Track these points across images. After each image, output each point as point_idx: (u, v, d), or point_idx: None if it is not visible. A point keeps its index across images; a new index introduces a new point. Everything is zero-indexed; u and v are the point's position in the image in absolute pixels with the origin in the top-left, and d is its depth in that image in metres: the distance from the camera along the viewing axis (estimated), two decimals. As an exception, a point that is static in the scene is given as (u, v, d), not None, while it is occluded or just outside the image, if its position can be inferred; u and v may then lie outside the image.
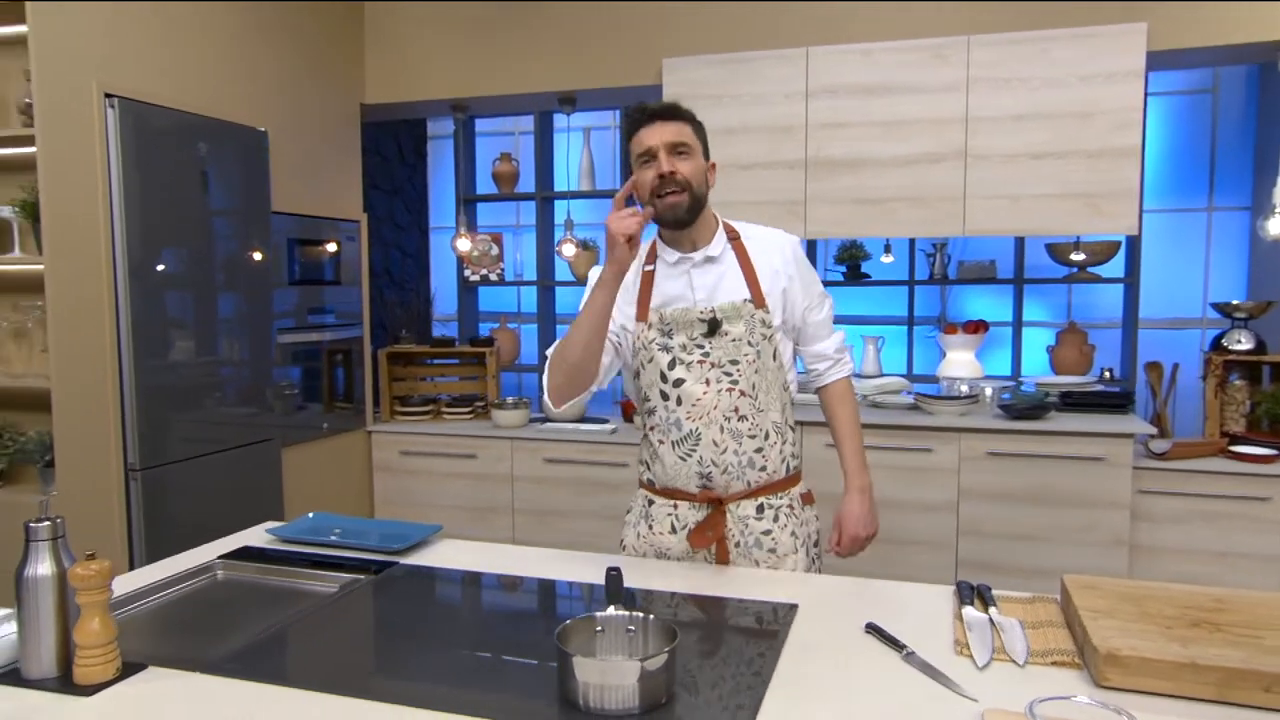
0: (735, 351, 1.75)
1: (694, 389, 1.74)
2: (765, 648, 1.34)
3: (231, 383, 3.35)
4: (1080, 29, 3.24)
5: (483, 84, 4.07)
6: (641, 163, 1.74)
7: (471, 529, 4.06)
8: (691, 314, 1.76)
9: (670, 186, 1.71)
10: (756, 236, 1.86)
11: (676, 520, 1.81)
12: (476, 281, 5.02)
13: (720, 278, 1.80)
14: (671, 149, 1.72)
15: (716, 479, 1.76)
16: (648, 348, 1.78)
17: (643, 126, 1.75)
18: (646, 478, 1.87)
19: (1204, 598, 1.40)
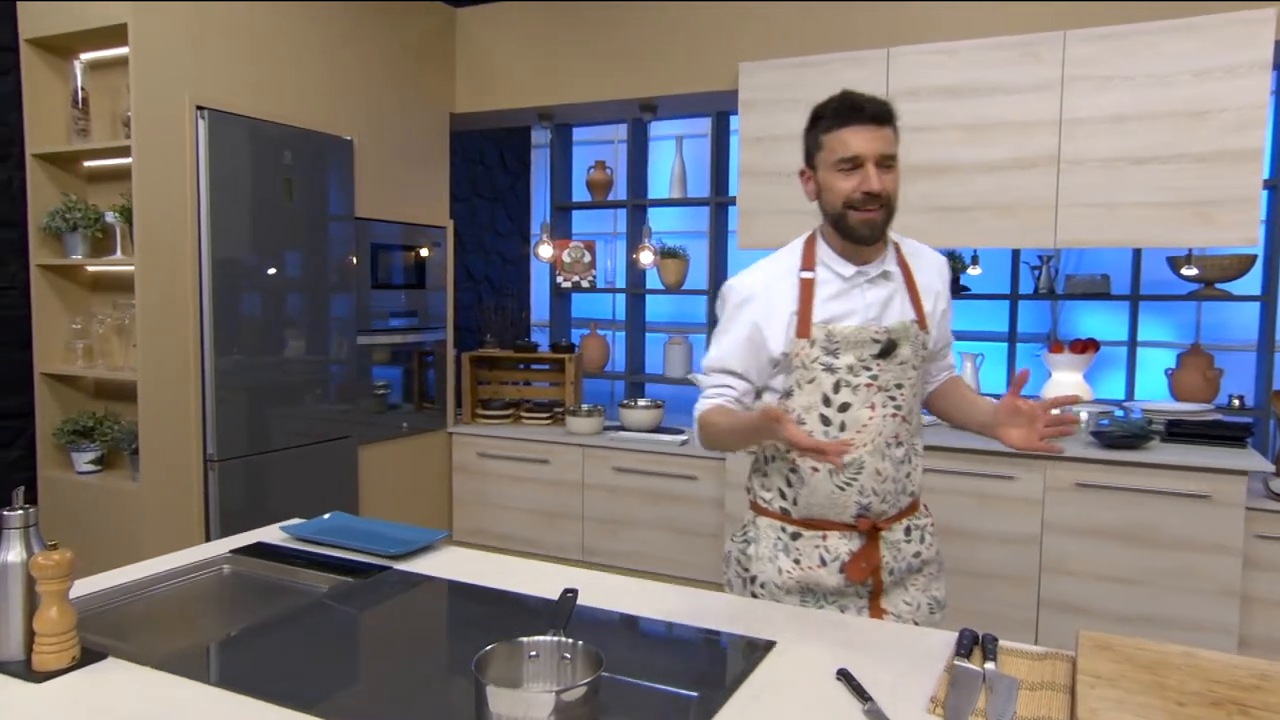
0: (901, 375, 1.63)
1: (860, 414, 1.61)
2: (720, 686, 1.25)
3: (309, 381, 3.49)
4: (1195, 18, 2.93)
5: (566, 92, 4.09)
6: (842, 168, 1.58)
7: (542, 534, 4.08)
8: (865, 333, 1.61)
9: (873, 203, 1.57)
10: (916, 253, 1.74)
11: (826, 552, 1.66)
12: (568, 288, 5.05)
13: (891, 295, 1.66)
14: (881, 161, 1.57)
15: (875, 508, 1.64)
16: (808, 367, 1.62)
17: (850, 126, 1.58)
18: (779, 506, 1.71)
19: (1243, 672, 1.20)
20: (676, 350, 4.77)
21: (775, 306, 1.64)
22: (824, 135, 1.61)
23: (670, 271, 4.69)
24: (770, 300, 1.65)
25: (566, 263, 5.04)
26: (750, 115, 3.60)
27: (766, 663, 1.34)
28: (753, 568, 1.73)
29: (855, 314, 1.63)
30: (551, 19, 4.07)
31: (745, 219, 3.67)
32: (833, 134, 1.59)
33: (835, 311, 1.63)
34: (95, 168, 3.23)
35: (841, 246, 1.65)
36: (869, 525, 1.64)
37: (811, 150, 1.66)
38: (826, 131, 1.61)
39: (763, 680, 1.28)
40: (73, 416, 3.20)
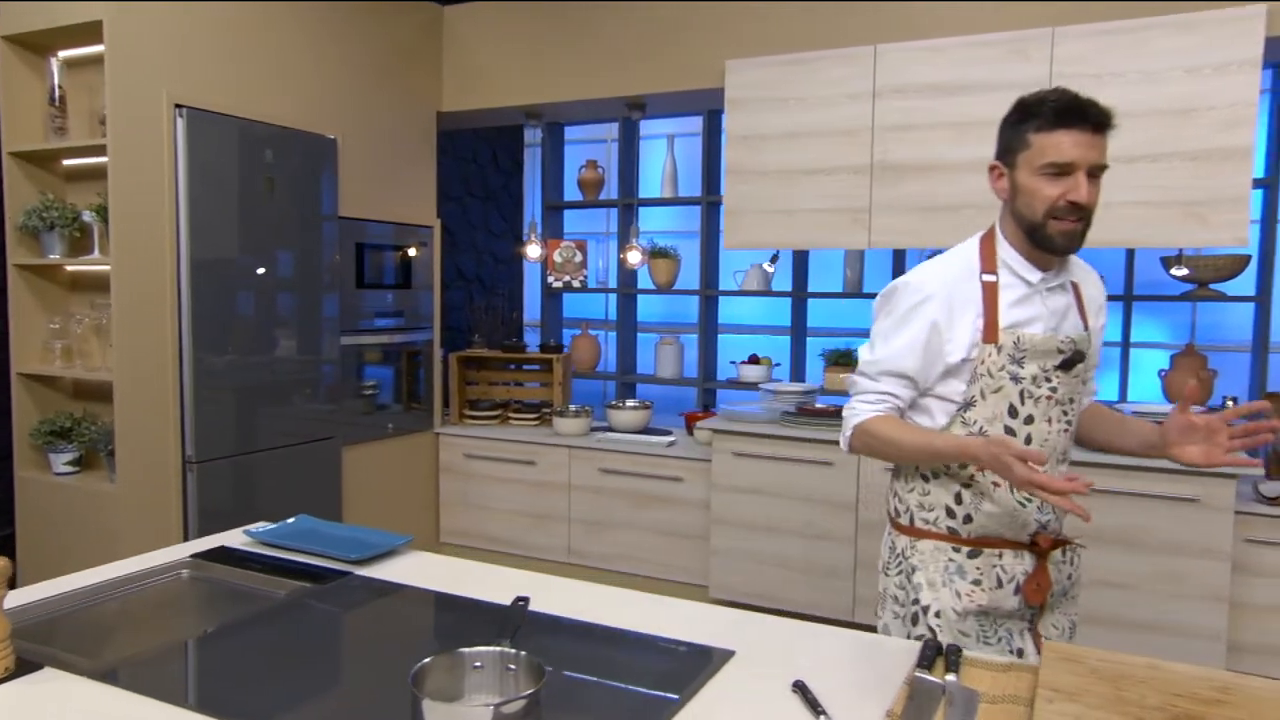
0: (1075, 388, 1.58)
1: (1042, 428, 1.54)
2: (672, 697, 1.21)
3: (292, 381, 3.46)
4: (1186, 15, 2.89)
5: (553, 90, 4.06)
6: (1048, 172, 1.46)
7: (528, 536, 4.05)
8: (1051, 342, 1.53)
9: (1077, 214, 1.46)
10: (1076, 264, 1.64)
11: (1003, 572, 1.57)
12: (559, 288, 5.02)
13: (1068, 306, 1.59)
14: (1093, 171, 1.46)
15: (1050, 526, 1.58)
16: (995, 376, 1.52)
17: (1066, 129, 1.44)
18: (946, 526, 1.59)
19: (1205, 684, 1.17)
20: (668, 350, 4.74)
21: (958, 307, 1.53)
22: (1035, 134, 1.47)
23: (661, 271, 4.66)
24: (953, 300, 1.54)
25: (557, 262, 5.00)
26: (737, 113, 3.57)
27: (723, 673, 1.30)
28: (923, 597, 1.58)
29: (1038, 321, 1.54)
30: (538, 17, 4.04)
31: (732, 218, 3.63)
32: (1047, 135, 1.46)
33: (1019, 318, 1.54)
34: (73, 166, 3.20)
35: (1027, 250, 1.54)
36: (1050, 543, 1.56)
37: (1014, 146, 1.51)
38: (1039, 131, 1.47)
39: (717, 691, 1.25)
40: (50, 417, 3.17)
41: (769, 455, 3.45)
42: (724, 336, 4.84)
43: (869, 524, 3.30)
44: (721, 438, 3.55)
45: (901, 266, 4.26)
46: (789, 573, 3.43)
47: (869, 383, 1.60)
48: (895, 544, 1.66)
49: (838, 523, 3.34)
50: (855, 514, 3.32)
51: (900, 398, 1.59)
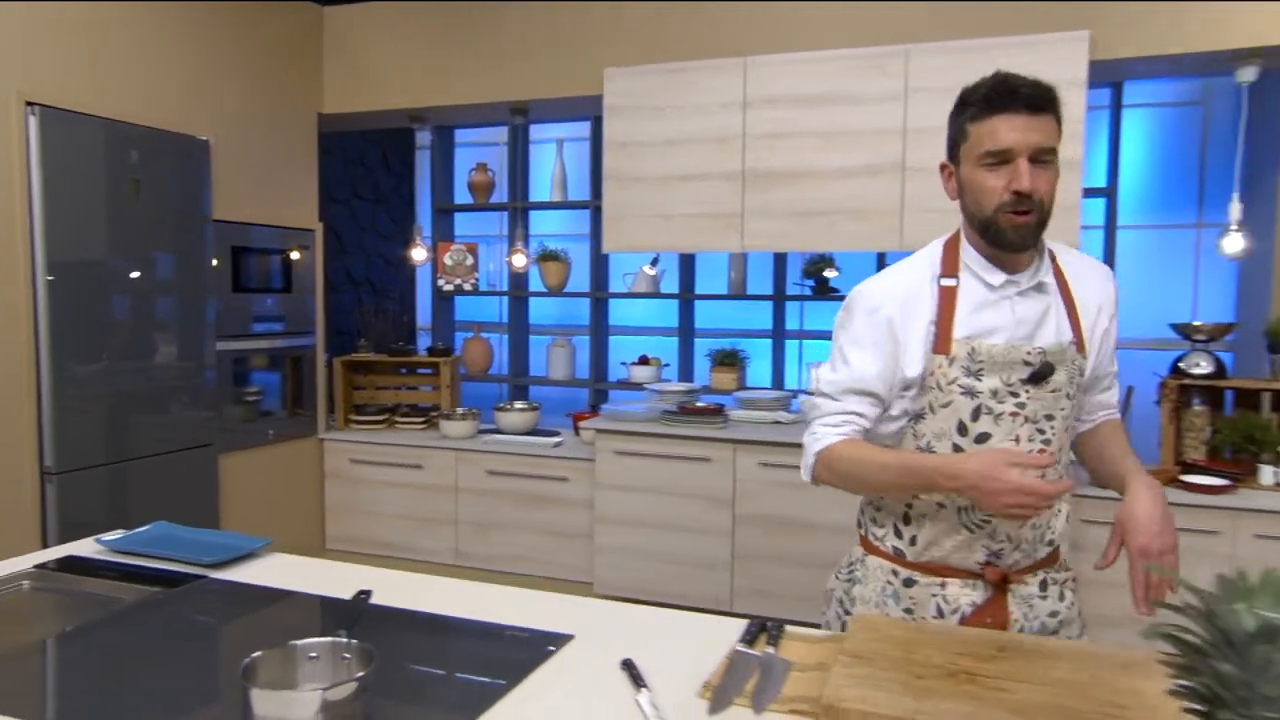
0: (1053, 404, 1.41)
1: (1003, 447, 1.39)
2: (506, 679, 1.28)
3: (166, 388, 3.38)
4: (1022, 37, 3.13)
5: (437, 93, 4.07)
6: (988, 162, 1.35)
7: (415, 539, 4.05)
8: (1016, 353, 1.39)
9: (1025, 205, 1.34)
10: (1075, 264, 1.51)
11: (944, 602, 1.46)
12: (450, 291, 5.01)
13: (1045, 311, 1.43)
14: (1036, 155, 1.34)
15: (1007, 556, 1.44)
16: (944, 389, 1.41)
17: (1002, 114, 1.33)
18: (892, 545, 1.51)
19: (986, 644, 1.30)
20: (560, 352, 4.79)
21: (912, 317, 1.42)
22: (971, 124, 1.37)
23: (552, 274, 4.72)
24: (907, 310, 1.43)
25: (448, 265, 5.00)
26: (615, 121, 3.66)
27: (559, 655, 1.37)
28: (856, 610, 1.53)
29: (1002, 330, 1.41)
30: (421, 20, 4.04)
31: (611, 222, 3.72)
32: (982, 122, 1.35)
33: (979, 326, 1.41)
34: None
35: (989, 252, 1.43)
36: (998, 575, 1.44)
37: (956, 140, 1.42)
38: (974, 119, 1.36)
39: (550, 672, 1.31)
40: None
41: (650, 453, 3.55)
42: (616, 338, 4.93)
43: (745, 518, 3.43)
44: (604, 437, 3.63)
45: (783, 269, 4.44)
46: (670, 567, 3.54)
47: (831, 403, 1.48)
48: (853, 552, 1.60)
49: (716, 517, 3.47)
50: (732, 508, 3.45)
51: (866, 417, 1.46)
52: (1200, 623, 0.73)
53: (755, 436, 3.42)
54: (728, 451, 3.44)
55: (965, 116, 1.39)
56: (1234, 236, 3.17)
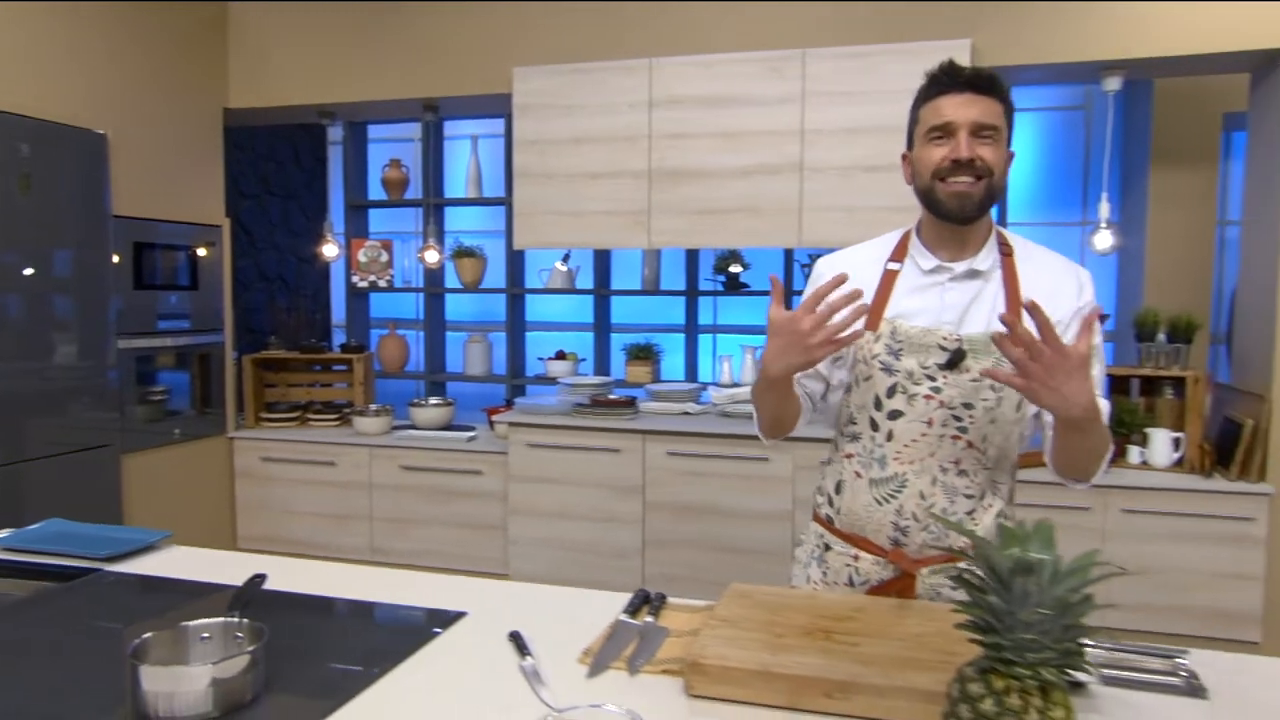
0: (973, 393, 1.43)
1: (911, 428, 1.45)
2: (396, 654, 1.34)
3: (63, 388, 3.30)
4: (908, 44, 3.30)
5: (346, 90, 4.06)
6: (931, 137, 1.43)
7: (330, 536, 4.03)
8: (932, 336, 1.44)
9: (964, 173, 1.40)
10: (1037, 260, 1.51)
11: (856, 573, 1.53)
12: (365, 288, 4.99)
13: (976, 299, 1.47)
14: (976, 129, 1.40)
15: (914, 535, 1.48)
16: (868, 363, 1.47)
17: (945, 94, 1.43)
18: (825, 512, 1.59)
19: (844, 607, 1.42)
20: (477, 348, 4.82)
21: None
22: (919, 108, 1.48)
23: (468, 270, 4.74)
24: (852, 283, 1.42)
25: (362, 262, 4.98)
26: (525, 119, 3.71)
27: (451, 630, 1.44)
28: (795, 572, 1.64)
29: (928, 314, 1.46)
30: (329, 16, 4.02)
31: (521, 219, 3.78)
32: (929, 104, 1.46)
33: (908, 308, 1.48)
34: None
35: (932, 236, 1.51)
36: (901, 558, 1.49)
37: (910, 129, 1.52)
38: (922, 104, 1.48)
39: (442, 645, 1.38)
40: None
41: (561, 445, 3.62)
42: (533, 334, 4.99)
43: (655, 505, 3.53)
44: (517, 430, 3.69)
45: (695, 264, 4.56)
46: (582, 555, 3.62)
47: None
48: (809, 520, 1.69)
49: (626, 506, 3.56)
50: (643, 497, 3.55)
51: (805, 387, 1.54)
52: (979, 564, 0.85)
53: (664, 427, 3.52)
54: (637, 442, 3.54)
55: (916, 103, 1.50)
56: (1104, 233, 3.41)
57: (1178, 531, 3.14)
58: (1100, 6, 3.18)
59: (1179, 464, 3.28)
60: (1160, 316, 3.45)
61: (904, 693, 1.12)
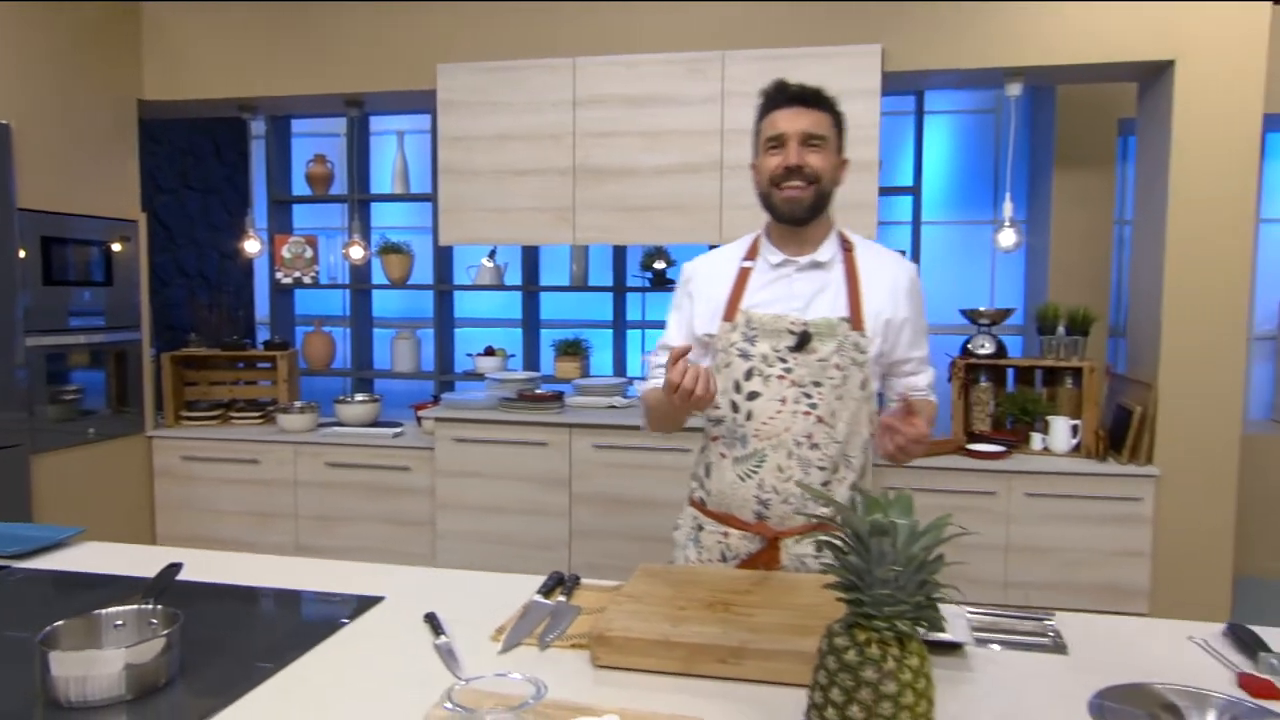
0: (820, 372, 1.59)
1: (767, 406, 1.59)
2: (313, 637, 1.37)
3: (-33, 387, 3.20)
4: (822, 48, 3.42)
5: (268, 84, 4.00)
6: (768, 147, 1.61)
7: (254, 535, 3.98)
8: (782, 322, 1.60)
9: (795, 179, 1.57)
10: (873, 255, 1.70)
11: (727, 549, 1.66)
12: (289, 284, 4.92)
13: (822, 289, 1.63)
14: (805, 139, 1.57)
15: (775, 507, 1.61)
16: (727, 351, 1.63)
17: (778, 108, 1.60)
18: (699, 495, 1.73)
19: (744, 581, 1.50)
20: (404, 345, 4.81)
21: (710, 288, 1.68)
22: (760, 122, 1.64)
23: (395, 267, 4.72)
24: (708, 281, 1.68)
25: (286, 258, 4.91)
26: (449, 116, 3.73)
27: (369, 613, 1.48)
28: (676, 554, 1.77)
29: (778, 303, 1.62)
30: (249, 8, 3.97)
31: (447, 215, 3.79)
32: (766, 118, 1.63)
33: (759, 299, 1.64)
34: None
35: (778, 235, 1.67)
36: (765, 530, 1.62)
37: (754, 141, 1.68)
38: (761, 118, 1.64)
39: (358, 629, 1.42)
40: None
41: (488, 439, 3.65)
42: (462, 330, 4.99)
43: (582, 497, 3.59)
44: (444, 425, 3.70)
45: (622, 261, 4.63)
46: (510, 548, 3.66)
47: (653, 358, 1.76)
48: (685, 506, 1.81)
49: (553, 498, 3.61)
50: (569, 489, 3.60)
51: None
52: (843, 529, 0.93)
53: (590, 420, 3.58)
54: (564, 435, 3.59)
55: (756, 118, 1.67)
56: (1007, 231, 3.58)
57: (1075, 513, 3.33)
58: (1004, 17, 3.34)
59: (1077, 449, 3.48)
60: (1060, 310, 3.64)
61: (790, 655, 1.21)
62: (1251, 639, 1.35)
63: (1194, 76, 3.21)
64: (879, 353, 1.65)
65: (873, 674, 0.88)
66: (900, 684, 0.88)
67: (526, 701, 1.04)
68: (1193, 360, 3.29)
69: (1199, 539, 3.30)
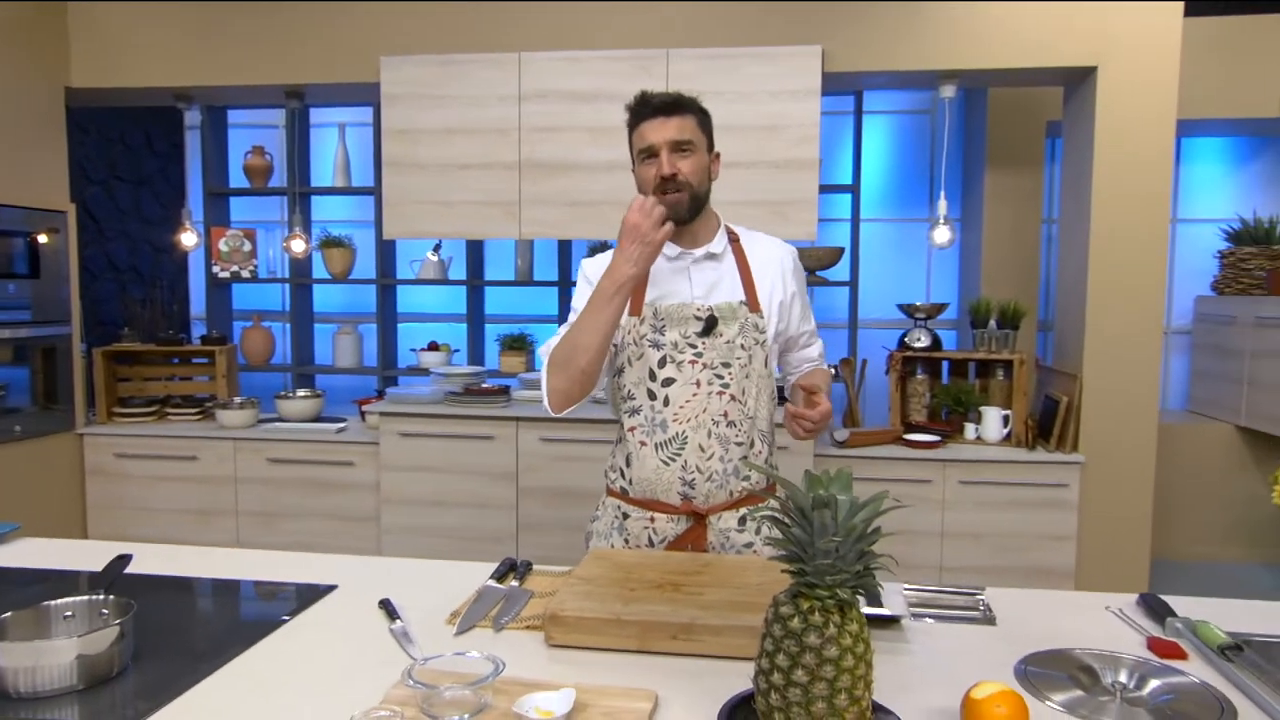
0: (728, 354, 1.68)
1: (684, 390, 1.67)
2: (269, 624, 1.38)
3: (-114, 383, 3.07)
4: (765, 48, 3.49)
5: (206, 73, 3.92)
6: (642, 159, 1.68)
7: (193, 534, 3.91)
8: (688, 310, 1.69)
9: (671, 186, 1.64)
10: (756, 242, 1.80)
11: (654, 533, 1.72)
12: (227, 279, 4.83)
13: (720, 277, 1.73)
14: (674, 147, 1.65)
15: (700, 486, 1.68)
16: (638, 344, 1.69)
17: (644, 120, 1.67)
18: (619, 486, 1.77)
19: (692, 563, 1.55)
20: (346, 340, 4.75)
21: None
22: (632, 134, 1.71)
23: (336, 261, 4.67)
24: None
25: (223, 252, 4.82)
26: (393, 109, 3.70)
27: (322, 601, 1.49)
28: (592, 542, 1.81)
29: (681, 293, 1.71)
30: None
31: (391, 209, 3.77)
32: (634, 131, 1.70)
33: (663, 291, 1.71)
34: None
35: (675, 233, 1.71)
36: (689, 509, 1.69)
37: (630, 150, 1.74)
38: (632, 130, 1.71)
39: (313, 616, 1.43)
40: None
41: (434, 434, 3.65)
42: (405, 325, 4.95)
43: (529, 490, 3.61)
44: (389, 420, 3.69)
45: (567, 256, 4.65)
46: (457, 542, 3.66)
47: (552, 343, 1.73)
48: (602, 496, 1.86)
49: (500, 492, 3.63)
50: (516, 482, 3.62)
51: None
52: (785, 504, 0.98)
53: (538, 414, 3.60)
54: (510, 429, 3.61)
55: (628, 130, 1.73)
56: (941, 229, 3.71)
57: (1006, 499, 3.47)
58: (939, 21, 3.45)
59: (1008, 438, 3.62)
60: (992, 305, 3.78)
61: (738, 630, 1.26)
62: (1161, 607, 1.45)
63: (1115, 82, 3.37)
64: (776, 332, 1.76)
65: (815, 639, 0.94)
66: (841, 648, 0.94)
67: (485, 678, 1.07)
68: (1114, 353, 3.46)
69: (1120, 523, 3.47)
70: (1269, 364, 4.04)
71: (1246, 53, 4.14)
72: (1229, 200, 4.79)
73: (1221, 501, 4.38)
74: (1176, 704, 1.16)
